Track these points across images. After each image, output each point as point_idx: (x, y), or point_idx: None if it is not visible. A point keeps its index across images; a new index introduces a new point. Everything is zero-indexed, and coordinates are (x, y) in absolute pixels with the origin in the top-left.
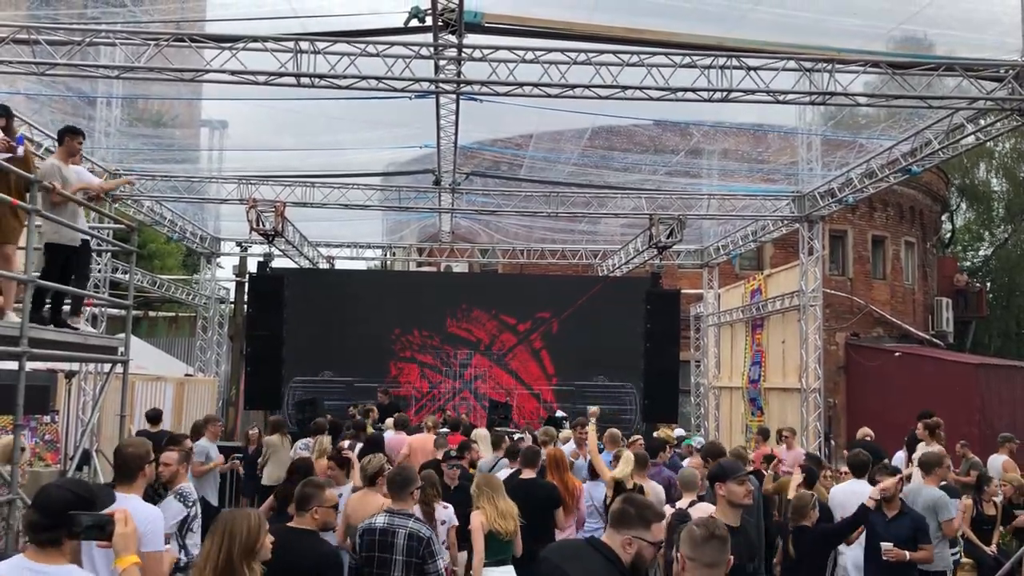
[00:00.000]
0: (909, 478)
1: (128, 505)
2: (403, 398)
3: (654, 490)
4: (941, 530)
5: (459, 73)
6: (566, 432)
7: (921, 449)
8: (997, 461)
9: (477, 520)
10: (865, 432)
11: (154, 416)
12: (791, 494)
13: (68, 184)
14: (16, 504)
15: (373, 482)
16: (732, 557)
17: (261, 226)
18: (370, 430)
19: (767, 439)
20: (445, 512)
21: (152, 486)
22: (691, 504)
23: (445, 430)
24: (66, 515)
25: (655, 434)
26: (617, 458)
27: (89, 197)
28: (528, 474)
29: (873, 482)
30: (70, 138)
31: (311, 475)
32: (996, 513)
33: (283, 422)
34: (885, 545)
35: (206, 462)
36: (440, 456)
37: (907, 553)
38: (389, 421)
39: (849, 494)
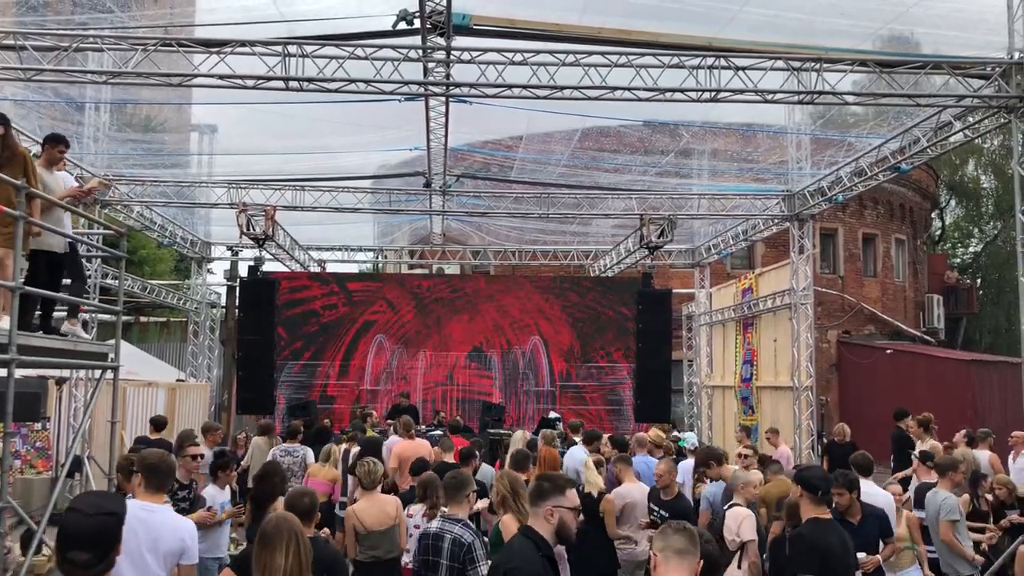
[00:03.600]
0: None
1: (161, 517)
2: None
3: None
4: (956, 529)
5: (448, 75)
6: (551, 432)
7: (919, 449)
8: (982, 457)
9: (513, 525)
10: (842, 427)
11: (159, 422)
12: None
13: (49, 190)
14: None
15: (374, 486)
16: None
17: (251, 230)
18: (371, 433)
19: (750, 436)
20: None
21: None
22: None
23: (438, 432)
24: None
25: (651, 432)
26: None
27: (74, 201)
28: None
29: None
30: (50, 147)
31: (276, 479)
32: (987, 509)
33: (271, 426)
34: (860, 557)
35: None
36: (446, 458)
37: (879, 557)
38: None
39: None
